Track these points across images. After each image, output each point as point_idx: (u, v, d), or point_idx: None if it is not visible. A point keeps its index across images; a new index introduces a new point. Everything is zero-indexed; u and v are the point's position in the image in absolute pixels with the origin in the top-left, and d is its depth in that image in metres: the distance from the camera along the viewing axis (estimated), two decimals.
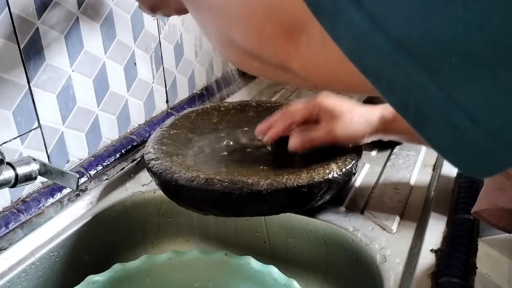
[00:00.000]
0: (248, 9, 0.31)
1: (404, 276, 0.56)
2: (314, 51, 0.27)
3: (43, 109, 0.68)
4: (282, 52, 0.30)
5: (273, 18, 0.29)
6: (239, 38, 0.33)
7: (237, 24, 0.33)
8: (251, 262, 0.60)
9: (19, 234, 0.63)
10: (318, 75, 0.29)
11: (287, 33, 0.28)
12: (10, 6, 0.61)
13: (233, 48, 0.35)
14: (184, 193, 0.61)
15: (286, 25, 0.28)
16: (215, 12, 0.36)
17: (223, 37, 0.36)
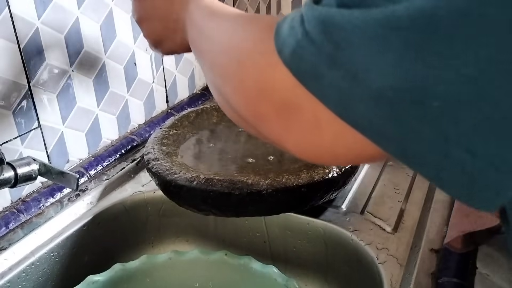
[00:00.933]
0: (244, 86, 0.32)
1: (404, 276, 0.56)
2: (307, 130, 0.28)
3: (43, 109, 0.68)
4: (275, 131, 0.30)
5: (266, 98, 0.29)
6: (236, 108, 0.34)
7: (234, 96, 0.34)
8: (251, 262, 0.60)
9: (19, 234, 0.63)
10: (313, 154, 0.29)
11: (279, 113, 0.29)
12: (10, 6, 0.61)
13: (230, 110, 0.36)
14: (184, 193, 0.61)
15: (277, 104, 0.29)
16: (215, 75, 0.37)
17: (222, 97, 0.37)
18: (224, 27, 0.38)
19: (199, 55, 0.42)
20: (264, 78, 0.29)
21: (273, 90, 0.29)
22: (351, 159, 0.33)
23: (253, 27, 0.34)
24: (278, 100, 0.28)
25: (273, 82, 0.28)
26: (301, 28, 0.25)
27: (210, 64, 0.38)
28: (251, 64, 0.31)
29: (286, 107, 0.28)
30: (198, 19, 0.44)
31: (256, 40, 0.31)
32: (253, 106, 0.31)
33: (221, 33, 0.38)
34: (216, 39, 0.38)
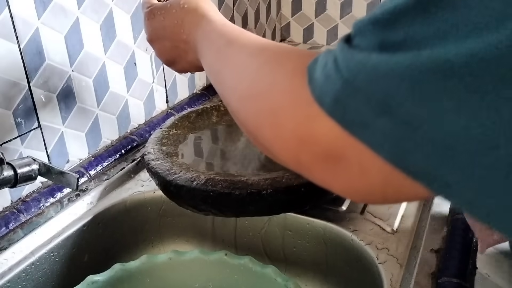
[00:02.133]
0: (280, 136, 0.30)
1: (404, 276, 0.56)
2: (354, 178, 0.26)
3: (43, 109, 0.68)
4: (319, 178, 0.29)
5: (306, 150, 0.28)
6: (271, 151, 0.32)
7: (269, 142, 0.32)
8: (251, 262, 0.60)
9: (19, 234, 0.63)
10: (362, 197, 0.29)
11: (322, 163, 0.27)
12: (10, 6, 0.61)
13: (266, 151, 0.34)
14: (184, 193, 0.61)
15: (320, 155, 0.27)
16: (243, 117, 0.35)
17: (251, 135, 0.35)
18: (247, 65, 0.36)
19: (219, 88, 0.40)
20: (303, 130, 0.28)
21: (314, 142, 0.27)
22: (401, 200, 0.32)
23: (280, 70, 0.32)
24: (321, 151, 0.27)
25: (314, 133, 0.27)
26: (338, 75, 0.24)
27: (235, 105, 0.36)
28: (286, 115, 0.29)
29: (330, 158, 0.27)
30: (215, 46, 0.43)
31: (287, 88, 0.30)
32: (293, 155, 0.30)
33: (244, 72, 0.36)
34: (239, 80, 0.36)
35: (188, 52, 0.50)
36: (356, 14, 1.37)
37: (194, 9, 0.49)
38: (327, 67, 0.26)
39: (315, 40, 1.46)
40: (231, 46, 0.40)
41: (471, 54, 0.19)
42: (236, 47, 0.39)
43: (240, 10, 1.21)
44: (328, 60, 0.26)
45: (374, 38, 0.23)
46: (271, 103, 0.31)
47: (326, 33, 1.43)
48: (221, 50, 0.41)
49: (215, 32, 0.44)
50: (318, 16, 1.42)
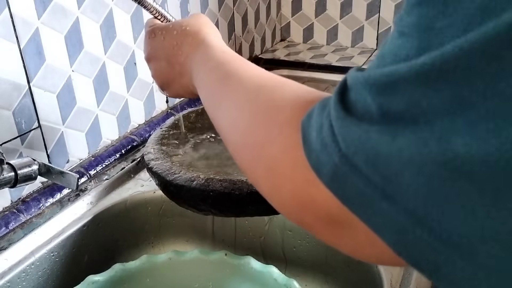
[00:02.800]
0: (279, 196, 0.28)
1: (404, 276, 0.56)
2: (362, 247, 0.25)
3: (43, 109, 0.68)
4: (325, 238, 0.27)
5: (308, 213, 0.26)
6: (273, 205, 0.30)
7: (269, 199, 0.30)
8: (251, 262, 0.60)
9: (19, 234, 0.63)
10: (375, 261, 0.27)
11: (327, 226, 0.26)
12: (10, 6, 0.61)
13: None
14: (184, 193, 0.61)
15: (324, 219, 0.25)
16: (240, 162, 0.34)
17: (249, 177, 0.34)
18: (243, 108, 0.34)
19: (215, 122, 0.39)
20: (303, 194, 0.26)
21: (315, 206, 0.25)
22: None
23: (273, 121, 0.30)
24: (324, 216, 0.25)
25: (315, 198, 0.25)
26: (336, 147, 0.22)
27: (231, 147, 0.35)
28: (283, 176, 0.27)
29: (334, 222, 0.25)
30: (212, 76, 0.42)
31: (282, 145, 0.28)
32: (294, 215, 0.28)
33: (240, 117, 0.34)
34: (235, 124, 0.35)
35: (183, 75, 0.49)
36: (356, 14, 1.37)
37: (195, 32, 0.48)
38: (322, 132, 0.23)
39: (315, 40, 1.46)
40: (229, 80, 0.38)
41: (488, 152, 0.17)
42: (234, 83, 0.38)
43: (240, 10, 1.21)
44: (324, 122, 0.24)
45: (372, 101, 0.21)
46: (266, 159, 0.29)
47: (326, 33, 1.43)
48: (218, 83, 0.40)
49: (213, 61, 0.43)
50: (318, 16, 1.42)
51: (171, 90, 0.53)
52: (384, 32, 1.36)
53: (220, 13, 1.11)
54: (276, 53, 1.39)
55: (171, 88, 0.53)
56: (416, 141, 0.19)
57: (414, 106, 0.19)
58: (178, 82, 0.51)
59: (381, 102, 0.20)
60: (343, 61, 1.30)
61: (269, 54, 1.38)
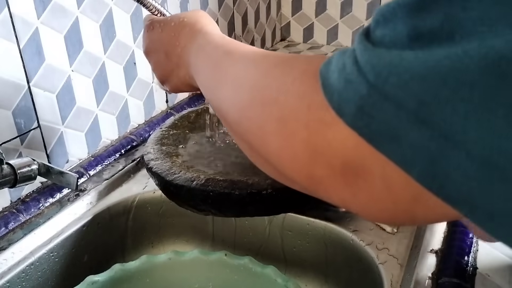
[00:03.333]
0: (290, 147, 0.26)
1: (404, 277, 0.56)
2: (377, 195, 0.23)
3: (42, 109, 0.68)
4: (336, 195, 0.26)
5: (321, 163, 0.25)
6: (280, 169, 0.29)
7: (276, 157, 0.28)
8: (251, 262, 0.60)
9: (19, 234, 0.63)
10: (385, 218, 0.25)
11: (339, 176, 0.24)
12: (10, 6, 0.61)
13: (271, 168, 0.31)
14: (184, 193, 0.61)
15: (337, 168, 0.24)
16: (245, 131, 0.32)
17: (257, 154, 0.32)
18: (248, 72, 0.33)
19: (215, 102, 0.37)
20: (317, 138, 0.24)
21: (330, 152, 0.24)
22: (432, 221, 0.28)
23: (286, 74, 0.28)
24: (338, 163, 0.24)
25: (330, 142, 0.24)
26: (363, 79, 0.21)
27: (235, 117, 0.33)
28: (297, 123, 0.26)
29: (348, 170, 0.23)
30: (211, 58, 0.40)
31: (296, 92, 0.26)
32: (305, 169, 0.26)
33: (246, 79, 0.32)
34: (240, 88, 0.33)
35: (180, 66, 0.48)
36: (356, 14, 1.37)
37: (193, 23, 0.48)
38: (345, 70, 0.22)
39: (315, 40, 1.46)
40: (230, 56, 0.37)
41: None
42: (235, 56, 0.37)
43: (240, 10, 1.21)
44: (346, 61, 0.22)
45: (403, 26, 0.20)
46: (279, 110, 0.27)
47: (326, 33, 1.43)
48: (218, 61, 0.38)
49: (211, 45, 0.42)
50: (318, 16, 1.42)
51: (170, 83, 0.53)
52: None
53: (220, 13, 1.11)
54: None
55: (169, 81, 0.52)
56: (455, 52, 0.17)
57: (450, 20, 0.18)
58: (176, 75, 0.50)
59: (413, 24, 0.19)
60: None
61: None
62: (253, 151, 0.32)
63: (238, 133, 0.34)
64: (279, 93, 0.28)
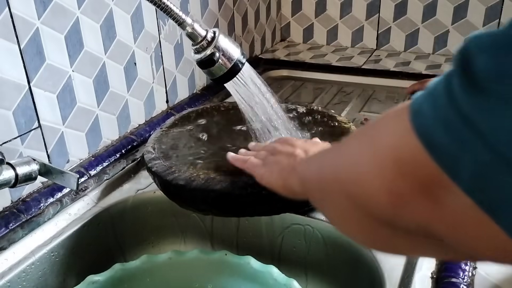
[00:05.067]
0: (377, 162, 0.27)
1: (404, 276, 0.56)
2: (463, 212, 0.22)
3: (43, 109, 0.68)
4: (420, 211, 0.25)
5: (406, 173, 0.24)
6: (366, 197, 0.29)
7: (365, 179, 0.29)
8: (251, 262, 0.60)
9: (19, 234, 0.63)
10: (474, 240, 0.23)
11: (425, 190, 0.24)
12: (10, 6, 0.61)
13: (357, 216, 0.31)
14: (184, 193, 0.61)
15: (423, 181, 0.23)
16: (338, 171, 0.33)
17: (344, 203, 0.32)
18: (346, 147, 0.34)
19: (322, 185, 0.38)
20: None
21: (416, 166, 0.24)
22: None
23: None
24: (424, 177, 0.23)
25: (415, 156, 0.24)
26: (479, 143, 0.19)
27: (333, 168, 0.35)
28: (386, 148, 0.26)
29: (434, 186, 0.23)
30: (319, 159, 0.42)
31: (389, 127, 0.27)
32: (392, 183, 0.26)
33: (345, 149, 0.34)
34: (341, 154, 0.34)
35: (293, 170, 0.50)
36: (356, 14, 1.37)
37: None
38: (449, 123, 0.20)
39: (315, 40, 1.46)
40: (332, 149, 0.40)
41: None
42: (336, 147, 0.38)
43: (240, 10, 1.21)
44: (448, 112, 0.20)
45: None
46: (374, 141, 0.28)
47: (326, 33, 1.43)
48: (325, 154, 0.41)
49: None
50: (318, 16, 1.42)
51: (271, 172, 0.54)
52: (384, 32, 1.36)
53: (220, 13, 1.11)
54: (276, 53, 1.39)
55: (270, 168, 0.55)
56: None
57: None
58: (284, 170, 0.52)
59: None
60: (343, 61, 1.30)
61: (269, 54, 1.38)
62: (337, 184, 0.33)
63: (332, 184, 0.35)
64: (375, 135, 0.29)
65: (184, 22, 0.60)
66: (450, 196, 0.22)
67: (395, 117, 0.26)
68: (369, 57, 1.32)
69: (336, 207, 0.35)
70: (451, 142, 0.20)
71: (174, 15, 0.59)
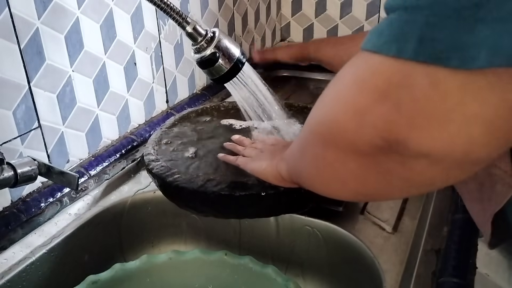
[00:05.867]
0: (340, 97, 0.34)
1: (404, 276, 0.56)
2: (422, 106, 0.28)
3: (43, 109, 0.68)
4: (380, 118, 0.30)
5: (364, 89, 0.31)
6: (337, 129, 0.34)
7: (332, 114, 0.34)
8: (251, 262, 0.60)
9: (19, 234, 0.63)
10: (433, 131, 0.29)
11: (383, 96, 0.29)
12: (10, 6, 0.61)
13: (326, 150, 0.37)
14: (184, 194, 0.61)
15: (380, 88, 0.30)
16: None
17: (320, 152, 0.37)
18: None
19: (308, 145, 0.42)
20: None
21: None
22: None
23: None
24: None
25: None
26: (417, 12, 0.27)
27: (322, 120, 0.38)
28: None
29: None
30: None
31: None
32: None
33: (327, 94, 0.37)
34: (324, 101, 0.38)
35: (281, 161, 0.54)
36: (356, 14, 1.37)
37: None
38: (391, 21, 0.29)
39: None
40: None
41: None
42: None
43: (240, 10, 1.21)
44: (386, 18, 0.29)
45: None
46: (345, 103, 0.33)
47: (326, 33, 1.43)
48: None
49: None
50: (318, 16, 1.43)
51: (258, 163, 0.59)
52: None
53: (220, 13, 1.11)
54: None
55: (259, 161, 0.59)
56: None
57: None
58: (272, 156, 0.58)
59: None
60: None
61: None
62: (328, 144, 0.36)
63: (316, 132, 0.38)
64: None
65: (184, 22, 0.60)
66: (410, 89, 0.27)
67: (352, 59, 0.33)
68: None
69: (315, 161, 0.39)
70: (394, 31, 0.28)
71: (174, 15, 0.59)
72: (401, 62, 0.27)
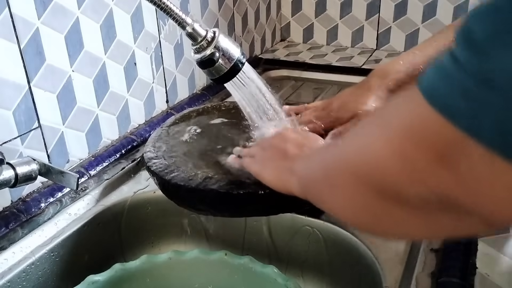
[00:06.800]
0: (390, 139, 0.29)
1: (404, 276, 0.56)
2: (483, 172, 0.24)
3: (43, 109, 0.68)
4: (435, 178, 0.26)
5: (420, 145, 0.26)
6: (380, 173, 0.31)
7: (379, 156, 0.30)
8: (251, 262, 0.60)
9: (19, 234, 0.63)
10: (493, 200, 0.25)
11: (441, 158, 0.25)
12: (10, 6, 0.61)
13: (365, 198, 0.33)
14: (182, 192, 0.61)
15: (439, 150, 0.25)
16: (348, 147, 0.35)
17: (353, 177, 0.34)
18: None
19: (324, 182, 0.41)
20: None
21: (428, 133, 0.26)
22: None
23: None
24: (437, 144, 0.26)
25: (425, 123, 0.26)
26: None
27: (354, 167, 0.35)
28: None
29: (449, 153, 0.25)
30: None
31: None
32: (403, 152, 0.28)
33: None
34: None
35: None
36: (356, 14, 1.37)
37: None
38: (463, 87, 0.23)
39: (315, 40, 1.46)
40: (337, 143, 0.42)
41: None
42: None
43: (240, 10, 1.21)
44: (460, 79, 0.24)
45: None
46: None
47: (326, 33, 1.43)
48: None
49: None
50: (318, 16, 1.43)
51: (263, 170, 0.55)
52: (384, 32, 1.36)
53: (220, 13, 1.11)
54: (276, 53, 1.39)
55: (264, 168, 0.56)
56: None
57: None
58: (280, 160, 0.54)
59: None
60: (343, 61, 1.30)
61: (269, 54, 1.38)
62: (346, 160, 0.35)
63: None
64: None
65: (184, 22, 0.60)
66: (470, 159, 0.24)
67: (404, 98, 0.29)
68: (369, 57, 1.32)
69: (342, 195, 0.36)
70: (469, 105, 0.23)
71: (174, 15, 0.59)
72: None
